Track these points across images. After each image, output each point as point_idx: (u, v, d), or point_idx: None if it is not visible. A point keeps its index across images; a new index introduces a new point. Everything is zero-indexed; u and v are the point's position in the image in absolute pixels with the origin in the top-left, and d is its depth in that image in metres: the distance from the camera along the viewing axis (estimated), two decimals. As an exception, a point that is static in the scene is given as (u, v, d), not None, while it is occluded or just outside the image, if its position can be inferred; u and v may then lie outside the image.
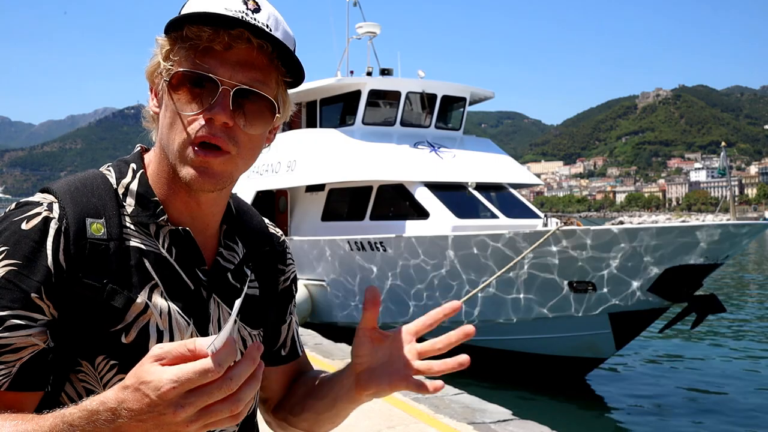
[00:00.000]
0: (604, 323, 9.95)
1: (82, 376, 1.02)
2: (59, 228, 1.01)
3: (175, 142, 1.04)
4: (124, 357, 1.02)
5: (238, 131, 1.04)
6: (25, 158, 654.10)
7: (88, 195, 1.07)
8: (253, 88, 1.03)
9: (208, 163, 1.03)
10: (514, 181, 13.85)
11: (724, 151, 10.81)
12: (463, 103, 14.97)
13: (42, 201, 1.04)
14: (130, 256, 1.05)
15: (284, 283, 1.31)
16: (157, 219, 1.09)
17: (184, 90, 1.03)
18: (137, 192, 1.10)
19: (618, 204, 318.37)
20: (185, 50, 1.02)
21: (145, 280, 1.05)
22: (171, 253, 1.09)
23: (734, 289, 24.28)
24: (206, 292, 1.12)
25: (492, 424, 5.48)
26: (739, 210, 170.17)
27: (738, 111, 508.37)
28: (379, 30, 16.14)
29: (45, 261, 0.99)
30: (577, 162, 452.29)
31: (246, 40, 1.02)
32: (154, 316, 1.04)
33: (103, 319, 1.01)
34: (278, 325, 1.31)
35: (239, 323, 1.18)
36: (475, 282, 10.35)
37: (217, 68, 1.01)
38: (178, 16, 1.02)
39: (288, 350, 1.33)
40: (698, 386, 11.12)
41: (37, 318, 0.97)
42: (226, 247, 1.19)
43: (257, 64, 1.04)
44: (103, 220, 1.05)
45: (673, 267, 9.19)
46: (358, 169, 12.67)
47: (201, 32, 1.01)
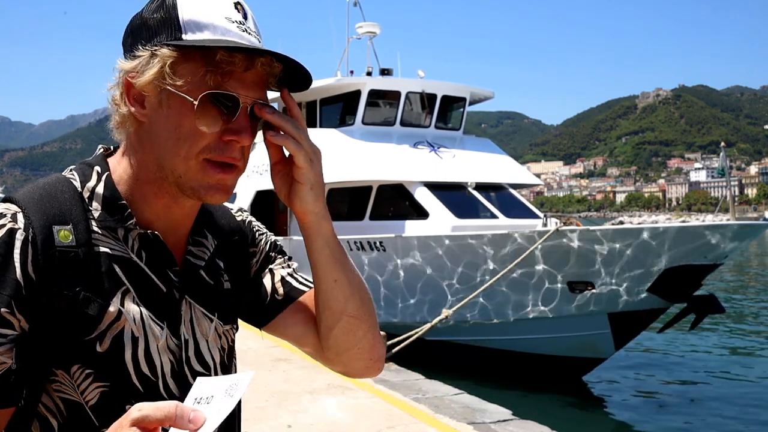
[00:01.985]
0: (603, 323, 9.95)
1: (57, 386, 1.01)
2: (26, 238, 0.98)
3: (189, 160, 1.03)
4: (99, 365, 1.01)
5: (246, 147, 1.07)
6: (25, 158, 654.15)
7: (53, 201, 1.04)
8: (267, 103, 1.08)
9: (225, 180, 1.05)
10: (514, 181, 13.85)
11: (724, 151, 10.80)
12: (463, 103, 14.97)
13: (5, 212, 1.00)
14: (101, 263, 1.03)
15: (256, 265, 1.28)
16: (125, 223, 1.07)
17: (210, 109, 1.02)
18: (103, 195, 1.08)
19: (618, 204, 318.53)
20: (209, 72, 1.01)
21: (116, 286, 1.04)
22: (141, 257, 1.08)
23: (734, 288, 24.29)
24: (178, 294, 1.11)
25: (492, 424, 5.48)
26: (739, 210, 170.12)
27: (738, 111, 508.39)
28: (379, 30, 16.14)
29: (13, 274, 0.96)
30: (577, 162, 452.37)
31: (268, 65, 1.04)
32: (128, 323, 1.03)
33: (76, 328, 0.99)
34: (258, 282, 1.27)
35: (217, 321, 1.16)
36: (474, 281, 10.34)
37: (238, 89, 1.03)
38: (210, 46, 1.00)
39: (283, 292, 1.26)
40: (698, 386, 11.13)
41: (7, 334, 0.95)
42: (195, 243, 1.17)
43: (264, 81, 1.07)
44: (70, 226, 1.03)
45: (672, 267, 9.19)
46: (357, 169, 12.67)
47: (233, 58, 1.00)
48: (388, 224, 12.19)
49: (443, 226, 11.49)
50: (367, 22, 16.09)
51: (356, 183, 12.85)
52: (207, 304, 1.15)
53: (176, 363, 1.09)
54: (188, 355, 1.11)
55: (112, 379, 1.02)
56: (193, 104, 1.01)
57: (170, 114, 1.03)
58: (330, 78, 14.50)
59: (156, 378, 1.05)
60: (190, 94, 1.01)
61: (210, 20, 1.02)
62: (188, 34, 1.02)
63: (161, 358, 1.06)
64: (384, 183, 12.69)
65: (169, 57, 1.01)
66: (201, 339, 1.13)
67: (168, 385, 1.07)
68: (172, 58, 1.01)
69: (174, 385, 1.08)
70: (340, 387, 6.43)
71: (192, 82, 1.01)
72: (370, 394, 6.32)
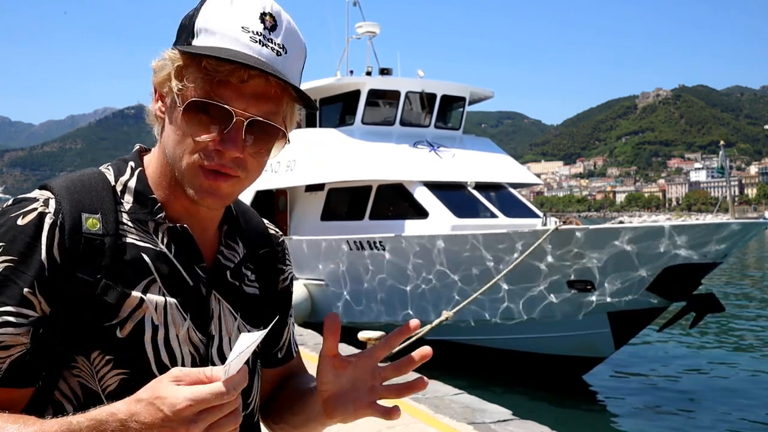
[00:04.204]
0: (603, 323, 9.95)
1: (76, 372, 1.03)
2: (54, 222, 1.02)
3: (184, 161, 1.05)
4: (119, 351, 1.03)
5: (247, 159, 1.06)
6: (25, 158, 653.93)
7: (85, 191, 1.07)
8: (266, 120, 1.04)
9: (218, 187, 1.05)
10: (514, 181, 13.85)
11: (723, 150, 10.78)
12: (463, 102, 14.97)
13: (38, 197, 1.04)
14: (126, 252, 1.06)
15: (283, 283, 1.32)
16: (155, 216, 1.10)
17: (196, 116, 1.03)
18: (135, 189, 1.11)
19: (618, 204, 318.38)
20: (201, 78, 1.02)
21: (141, 275, 1.06)
22: (170, 249, 1.10)
23: (734, 288, 24.28)
24: (205, 289, 1.12)
25: (492, 424, 5.48)
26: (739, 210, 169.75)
27: (738, 111, 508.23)
28: (379, 30, 16.14)
29: (39, 256, 0.99)
30: (577, 162, 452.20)
31: (263, 77, 1.02)
32: (150, 310, 1.05)
33: (97, 313, 1.01)
34: (280, 328, 1.32)
35: (240, 321, 1.18)
36: (474, 281, 10.34)
37: (232, 100, 1.02)
38: (195, 53, 1.00)
39: (284, 353, 1.33)
40: (697, 385, 11.13)
41: (29, 314, 0.98)
42: (227, 246, 1.19)
43: (271, 95, 1.04)
44: (99, 215, 1.06)
45: (671, 266, 9.19)
46: (357, 168, 12.67)
47: (219, 67, 1.00)
48: (388, 224, 12.19)
49: (443, 226, 11.49)
50: (367, 22, 16.08)
51: (356, 183, 12.85)
52: (232, 303, 1.17)
53: (198, 357, 1.10)
54: (211, 351, 1.12)
55: (132, 365, 1.03)
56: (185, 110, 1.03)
57: (177, 121, 1.05)
58: (330, 78, 14.51)
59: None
60: (183, 99, 1.03)
61: (221, 28, 1.02)
62: (197, 40, 1.03)
63: (181, 348, 1.08)
64: (384, 183, 12.69)
65: (176, 60, 1.04)
66: (225, 336, 1.15)
67: None
68: (179, 62, 1.04)
69: None
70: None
71: (190, 87, 1.03)
72: (370, 394, 6.31)
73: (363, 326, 10.25)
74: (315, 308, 12.89)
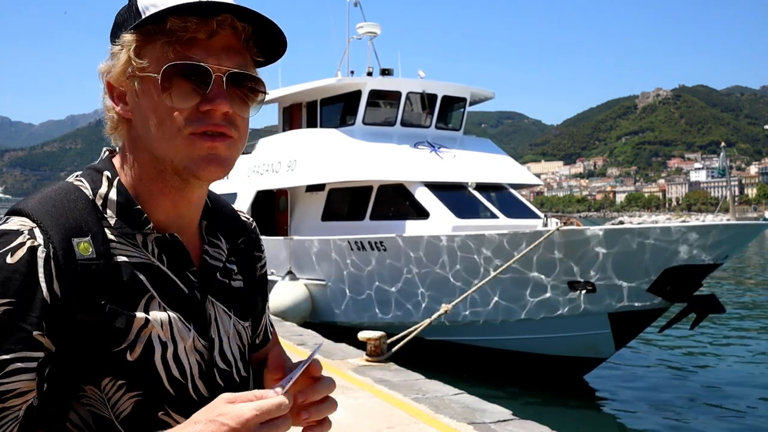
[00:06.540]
0: (603, 323, 9.95)
1: (85, 401, 0.99)
2: (47, 255, 0.95)
3: (174, 139, 1.00)
4: (131, 375, 0.99)
5: (236, 116, 1.03)
6: (25, 158, 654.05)
7: (67, 212, 1.00)
8: (243, 71, 1.03)
9: (216, 148, 1.01)
10: (514, 181, 13.85)
11: (724, 151, 10.78)
12: (464, 103, 14.97)
13: (21, 228, 0.96)
14: (122, 272, 1.01)
15: (261, 269, 1.29)
16: (143, 228, 1.05)
17: (175, 84, 0.99)
18: (117, 202, 1.05)
19: (618, 204, 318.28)
20: (166, 44, 0.99)
21: (140, 294, 1.02)
22: (162, 261, 1.06)
23: (734, 288, 24.28)
24: (200, 294, 1.10)
25: (492, 424, 5.47)
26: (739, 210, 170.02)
27: (738, 111, 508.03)
28: (380, 30, 16.13)
29: (40, 294, 0.93)
30: (577, 162, 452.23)
31: (230, 26, 1.00)
32: (156, 328, 1.02)
33: (105, 340, 0.97)
34: (260, 315, 1.30)
35: (235, 318, 1.16)
36: (474, 281, 10.34)
37: (205, 58, 0.99)
38: (162, 10, 0.97)
39: (261, 338, 1.31)
40: (698, 385, 11.12)
41: (38, 357, 0.93)
42: (211, 245, 1.16)
43: (239, 48, 1.03)
44: (89, 238, 0.99)
45: (672, 267, 9.19)
46: (358, 169, 12.67)
47: (186, 23, 0.97)
48: (389, 224, 12.19)
49: (443, 226, 11.49)
50: (368, 22, 16.08)
51: (357, 183, 12.85)
52: (224, 302, 1.15)
53: (204, 363, 1.08)
54: (214, 354, 1.10)
55: (145, 386, 1.00)
56: (163, 81, 0.99)
57: (146, 99, 1.01)
58: (330, 78, 14.51)
59: (185, 380, 1.05)
60: (155, 72, 1.00)
61: None
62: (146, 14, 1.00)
63: (189, 359, 1.06)
64: (384, 183, 12.69)
65: (131, 42, 1.01)
66: (224, 336, 1.13)
67: (197, 386, 1.07)
68: (135, 43, 1.01)
69: (202, 386, 1.07)
70: (341, 387, 6.42)
71: (156, 59, 1.00)
72: (371, 394, 6.33)
73: (363, 326, 10.26)
74: (315, 308, 12.89)
